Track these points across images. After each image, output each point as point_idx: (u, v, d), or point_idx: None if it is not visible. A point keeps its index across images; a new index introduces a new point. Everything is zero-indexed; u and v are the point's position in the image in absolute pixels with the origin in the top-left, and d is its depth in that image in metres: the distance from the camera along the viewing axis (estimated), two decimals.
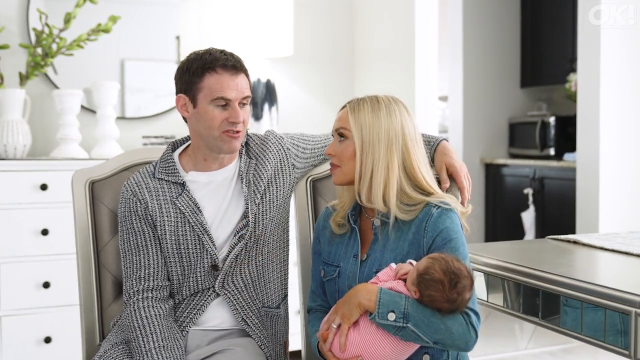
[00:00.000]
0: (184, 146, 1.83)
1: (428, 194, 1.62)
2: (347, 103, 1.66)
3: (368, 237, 1.66)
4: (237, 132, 1.71)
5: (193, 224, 1.72)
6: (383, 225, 1.63)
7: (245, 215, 1.75)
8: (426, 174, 1.63)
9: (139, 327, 1.66)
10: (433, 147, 1.83)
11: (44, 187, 2.91)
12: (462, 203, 1.75)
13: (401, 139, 1.61)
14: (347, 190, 1.69)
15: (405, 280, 1.51)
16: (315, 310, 1.75)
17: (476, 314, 1.50)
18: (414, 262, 1.54)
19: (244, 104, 1.73)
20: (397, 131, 1.61)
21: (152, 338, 1.64)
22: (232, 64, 1.70)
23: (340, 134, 1.63)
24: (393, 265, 1.56)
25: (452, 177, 1.77)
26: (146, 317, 1.67)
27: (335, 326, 1.52)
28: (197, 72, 1.70)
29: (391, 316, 1.46)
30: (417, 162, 1.62)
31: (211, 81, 1.69)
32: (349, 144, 1.61)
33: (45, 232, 2.91)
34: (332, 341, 1.52)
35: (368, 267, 1.61)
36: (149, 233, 1.73)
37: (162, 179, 1.75)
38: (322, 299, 1.74)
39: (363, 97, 1.65)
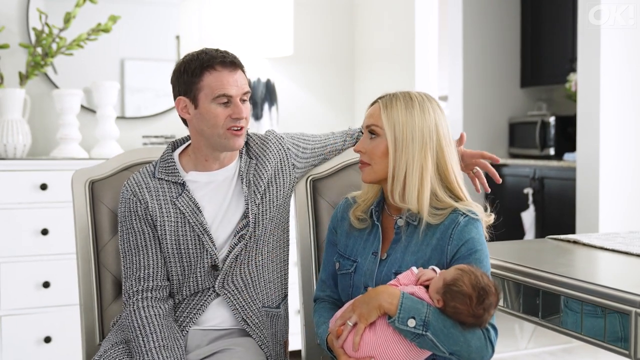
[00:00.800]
0: (184, 146, 1.83)
1: (457, 198, 1.59)
2: (378, 99, 1.62)
3: (389, 235, 1.63)
4: (241, 128, 1.71)
5: (193, 224, 1.72)
6: (407, 225, 1.60)
7: (245, 215, 1.75)
8: (459, 176, 1.61)
9: (139, 327, 1.66)
10: None
11: (43, 186, 2.90)
12: (496, 180, 1.85)
13: (435, 138, 1.57)
14: (374, 186, 1.66)
15: (426, 287, 1.49)
16: (323, 300, 1.73)
17: (495, 329, 1.50)
18: (437, 269, 1.52)
19: (244, 100, 1.73)
20: (432, 130, 1.57)
21: (152, 338, 1.64)
22: (230, 61, 1.70)
23: (372, 131, 1.59)
24: (414, 269, 1.53)
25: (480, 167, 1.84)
26: (146, 317, 1.67)
27: (351, 324, 1.49)
28: (195, 72, 1.69)
29: (411, 322, 1.43)
30: (450, 163, 1.59)
31: (211, 79, 1.68)
32: (380, 141, 1.58)
33: (45, 232, 2.91)
34: (345, 338, 1.50)
35: (387, 267, 1.59)
36: (148, 233, 1.72)
37: (162, 179, 1.75)
38: (331, 290, 1.72)
39: (395, 93, 1.60)
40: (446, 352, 1.45)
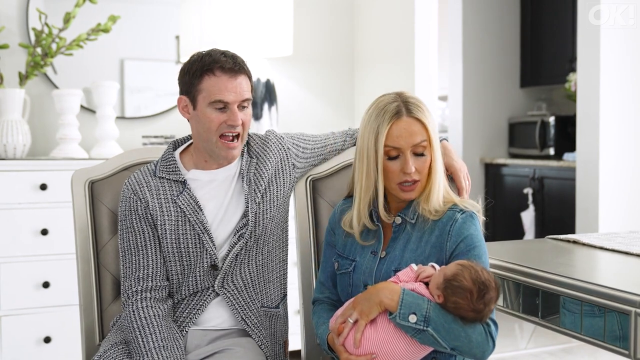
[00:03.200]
0: (185, 145, 1.83)
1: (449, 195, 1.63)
2: (402, 113, 1.55)
3: (387, 234, 1.64)
4: (235, 138, 1.71)
5: (193, 222, 1.72)
6: (405, 223, 1.61)
7: (245, 214, 1.75)
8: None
9: (139, 328, 1.66)
10: None
11: (43, 187, 2.90)
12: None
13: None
14: (367, 192, 1.62)
15: (426, 284, 1.50)
16: (322, 301, 1.73)
17: (495, 324, 1.50)
18: (436, 266, 1.53)
19: (243, 107, 1.72)
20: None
21: (152, 338, 1.64)
22: (229, 67, 1.69)
23: (423, 148, 1.56)
24: (414, 266, 1.54)
25: (451, 177, 1.78)
26: (145, 317, 1.67)
27: (352, 321, 1.50)
28: (196, 74, 1.70)
29: (412, 318, 1.44)
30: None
31: (209, 83, 1.68)
32: (428, 156, 1.58)
33: (45, 232, 2.90)
34: (346, 336, 1.50)
35: (387, 264, 1.60)
36: (148, 233, 1.72)
37: (162, 177, 1.75)
38: (330, 291, 1.72)
39: (413, 101, 1.58)
40: (447, 348, 1.45)
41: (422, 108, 1.58)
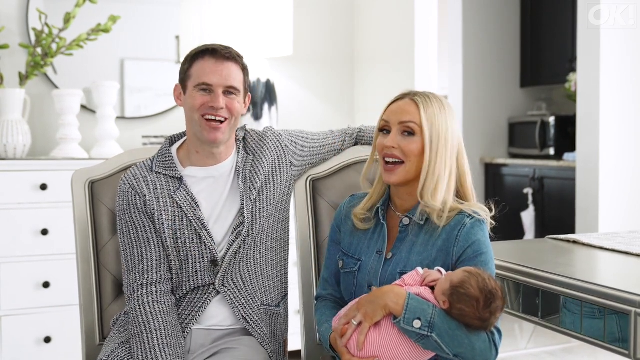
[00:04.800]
0: (181, 141, 1.83)
1: (466, 200, 1.61)
2: (407, 95, 1.60)
3: (393, 234, 1.62)
4: (218, 121, 1.70)
5: (191, 218, 1.71)
6: (413, 225, 1.60)
7: (241, 212, 1.75)
8: (471, 182, 1.63)
9: (144, 323, 1.66)
10: None
11: (43, 187, 2.90)
12: None
13: (457, 142, 1.60)
14: (380, 186, 1.65)
15: (432, 288, 1.49)
16: (325, 298, 1.72)
17: (499, 332, 1.50)
18: (442, 271, 1.51)
19: (230, 93, 1.72)
20: (456, 134, 1.59)
21: (156, 335, 1.64)
22: (219, 52, 1.71)
23: (408, 128, 1.57)
24: (420, 269, 1.52)
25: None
26: (151, 312, 1.67)
27: (355, 323, 1.49)
28: (186, 61, 1.74)
29: (417, 323, 1.43)
30: (467, 167, 1.62)
31: (197, 67, 1.71)
32: (416, 140, 1.56)
33: (45, 232, 2.91)
34: (349, 337, 1.49)
35: (392, 266, 1.58)
36: (149, 226, 1.72)
37: (159, 173, 1.75)
38: (333, 288, 1.71)
39: (425, 93, 1.60)
40: (450, 354, 1.45)
41: (430, 99, 1.58)
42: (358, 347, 1.47)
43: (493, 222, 1.62)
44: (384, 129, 1.60)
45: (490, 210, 1.63)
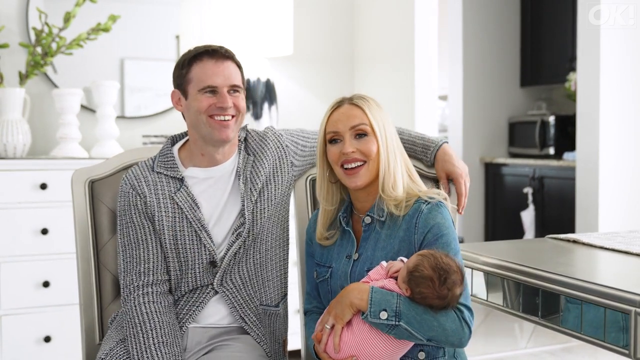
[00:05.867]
0: (183, 141, 1.83)
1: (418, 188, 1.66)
2: (344, 102, 1.66)
3: (359, 236, 1.66)
4: (226, 119, 1.70)
5: (191, 219, 1.71)
6: (374, 223, 1.63)
7: (242, 213, 1.75)
8: (415, 171, 1.70)
9: (140, 323, 1.65)
10: (433, 152, 1.84)
11: (43, 186, 2.90)
12: (458, 210, 1.80)
13: (397, 136, 1.67)
14: (334, 197, 1.69)
15: (396, 279, 1.51)
16: (312, 312, 1.74)
17: (469, 309, 1.51)
18: (405, 260, 1.54)
19: (234, 91, 1.73)
20: (394, 128, 1.69)
21: (152, 334, 1.64)
22: (215, 50, 1.71)
23: (361, 130, 1.61)
24: (384, 263, 1.55)
25: (452, 182, 1.80)
26: (147, 312, 1.67)
27: (328, 327, 1.51)
28: (184, 64, 1.73)
29: (383, 315, 1.45)
30: (407, 158, 1.69)
31: (197, 70, 1.71)
32: (370, 139, 1.61)
33: (45, 231, 2.91)
34: (326, 342, 1.52)
35: (360, 266, 1.61)
36: (148, 227, 1.72)
37: (160, 173, 1.75)
38: (317, 300, 1.74)
39: (358, 95, 1.67)
40: (424, 339, 1.46)
41: (367, 100, 1.65)
42: (335, 349, 1.49)
43: (450, 204, 1.65)
44: (334, 140, 1.65)
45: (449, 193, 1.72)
